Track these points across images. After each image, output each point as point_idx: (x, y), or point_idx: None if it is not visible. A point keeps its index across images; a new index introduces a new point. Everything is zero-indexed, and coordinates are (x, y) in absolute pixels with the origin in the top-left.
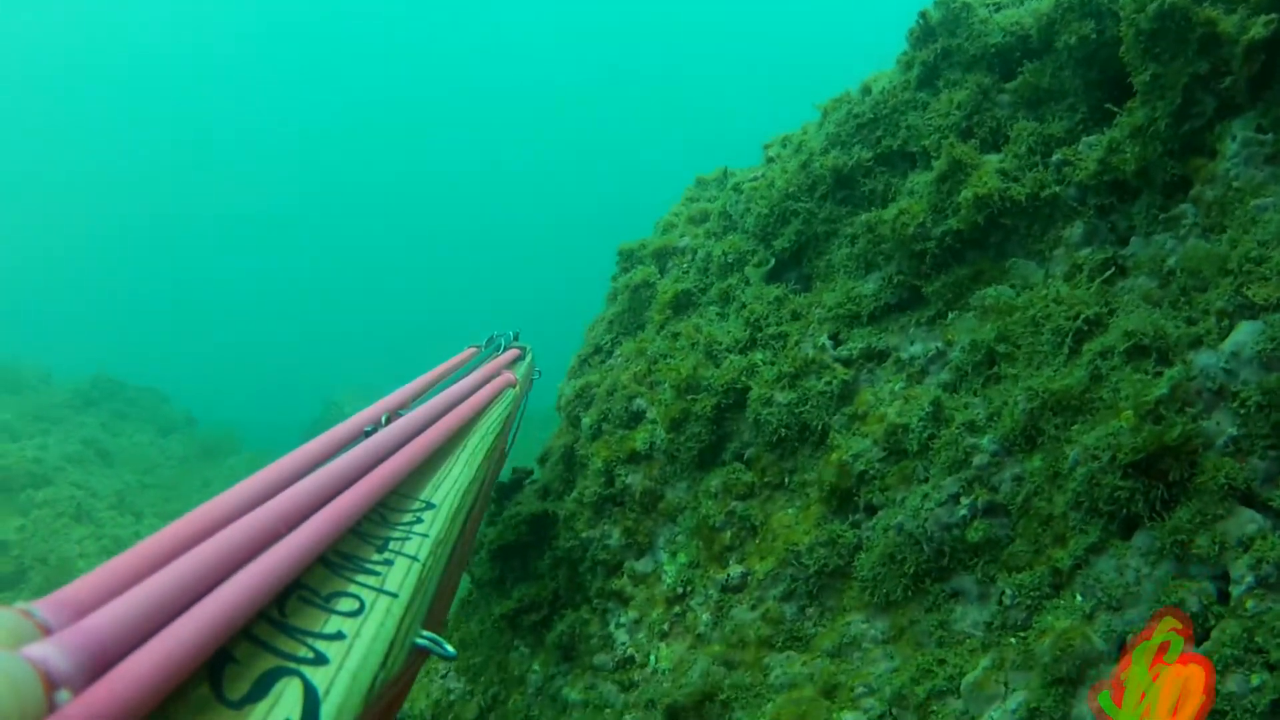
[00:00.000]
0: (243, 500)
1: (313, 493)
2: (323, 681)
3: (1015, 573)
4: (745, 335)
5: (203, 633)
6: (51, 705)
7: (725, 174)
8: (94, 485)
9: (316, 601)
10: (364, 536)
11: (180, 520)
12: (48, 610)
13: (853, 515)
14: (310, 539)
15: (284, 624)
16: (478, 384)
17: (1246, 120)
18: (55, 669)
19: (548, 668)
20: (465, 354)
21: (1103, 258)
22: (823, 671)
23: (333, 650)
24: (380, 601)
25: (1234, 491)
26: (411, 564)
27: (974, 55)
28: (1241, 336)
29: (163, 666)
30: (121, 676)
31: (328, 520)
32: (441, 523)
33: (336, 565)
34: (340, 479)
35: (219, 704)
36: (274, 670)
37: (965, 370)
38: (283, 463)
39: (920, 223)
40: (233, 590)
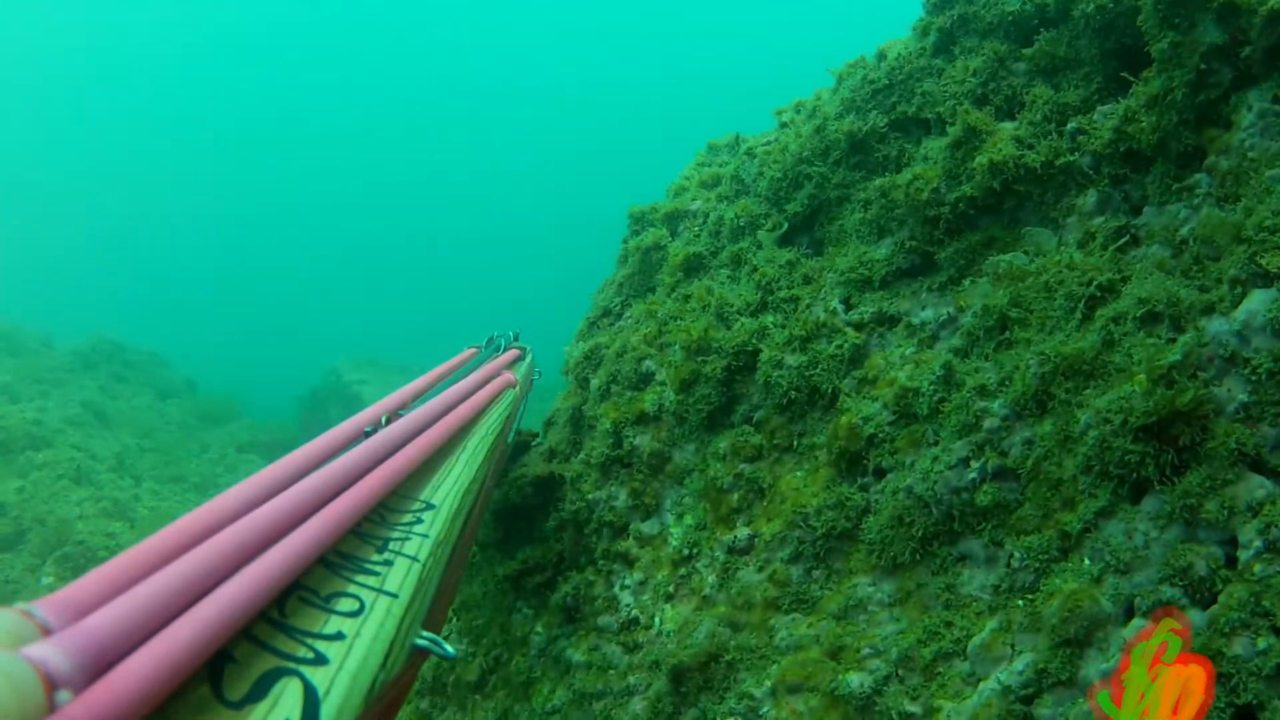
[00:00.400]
0: (243, 501)
1: (313, 493)
2: (323, 682)
3: (1024, 536)
4: (756, 298)
5: (203, 633)
6: (52, 706)
7: (737, 140)
8: (93, 448)
9: (316, 602)
10: (364, 537)
11: (180, 520)
12: (48, 610)
13: (861, 478)
14: (310, 539)
15: (284, 624)
16: (478, 384)
17: (1263, 91)
18: (55, 669)
19: (551, 629)
20: (465, 354)
21: (1116, 225)
22: (829, 633)
23: (333, 651)
24: (380, 602)
25: (1244, 457)
26: (411, 564)
27: (991, 23)
28: (1254, 304)
29: (163, 667)
30: (122, 677)
31: (328, 521)
32: (441, 523)
33: (336, 565)
34: (340, 479)
35: (219, 704)
36: (274, 670)
37: (977, 335)
38: (283, 463)
39: (934, 188)
40: (233, 590)
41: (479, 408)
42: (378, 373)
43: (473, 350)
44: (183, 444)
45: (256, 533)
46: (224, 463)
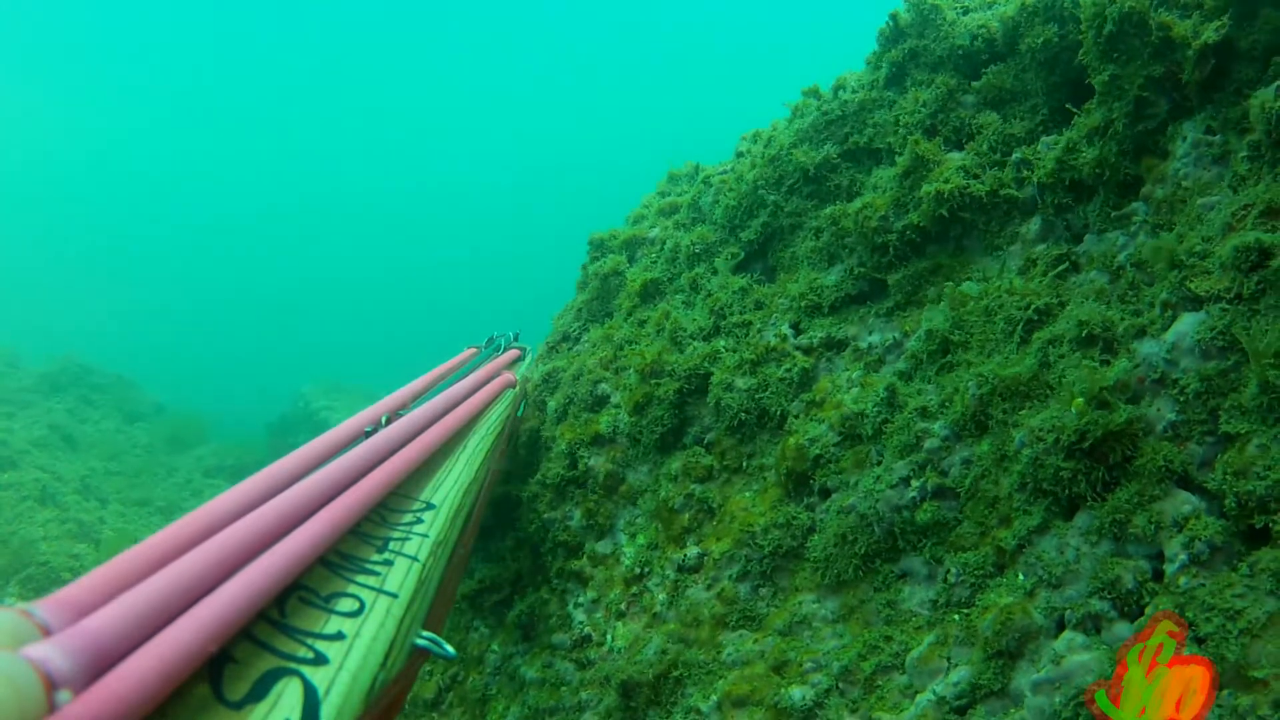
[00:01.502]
0: (243, 501)
1: (313, 493)
2: (323, 682)
3: (961, 553)
4: (710, 323)
5: (203, 633)
6: (52, 705)
7: (696, 169)
8: (59, 470)
9: (316, 602)
10: (364, 537)
11: (180, 521)
12: (48, 611)
13: (808, 498)
14: (310, 539)
15: (284, 624)
16: (477, 385)
17: (1197, 122)
18: (56, 669)
19: (506, 647)
20: (465, 354)
21: (1057, 253)
22: (773, 649)
23: (333, 650)
24: (380, 602)
25: (1171, 474)
26: (411, 564)
27: (941, 56)
28: (1183, 326)
29: (163, 667)
30: (122, 677)
31: (328, 521)
32: (441, 523)
33: (336, 566)
34: (340, 480)
35: (219, 704)
36: (274, 670)
37: (920, 358)
38: (283, 463)
39: (883, 216)
40: (233, 591)
41: (479, 408)
42: (345, 398)
43: (473, 350)
44: (150, 467)
45: (256, 533)
46: (190, 487)
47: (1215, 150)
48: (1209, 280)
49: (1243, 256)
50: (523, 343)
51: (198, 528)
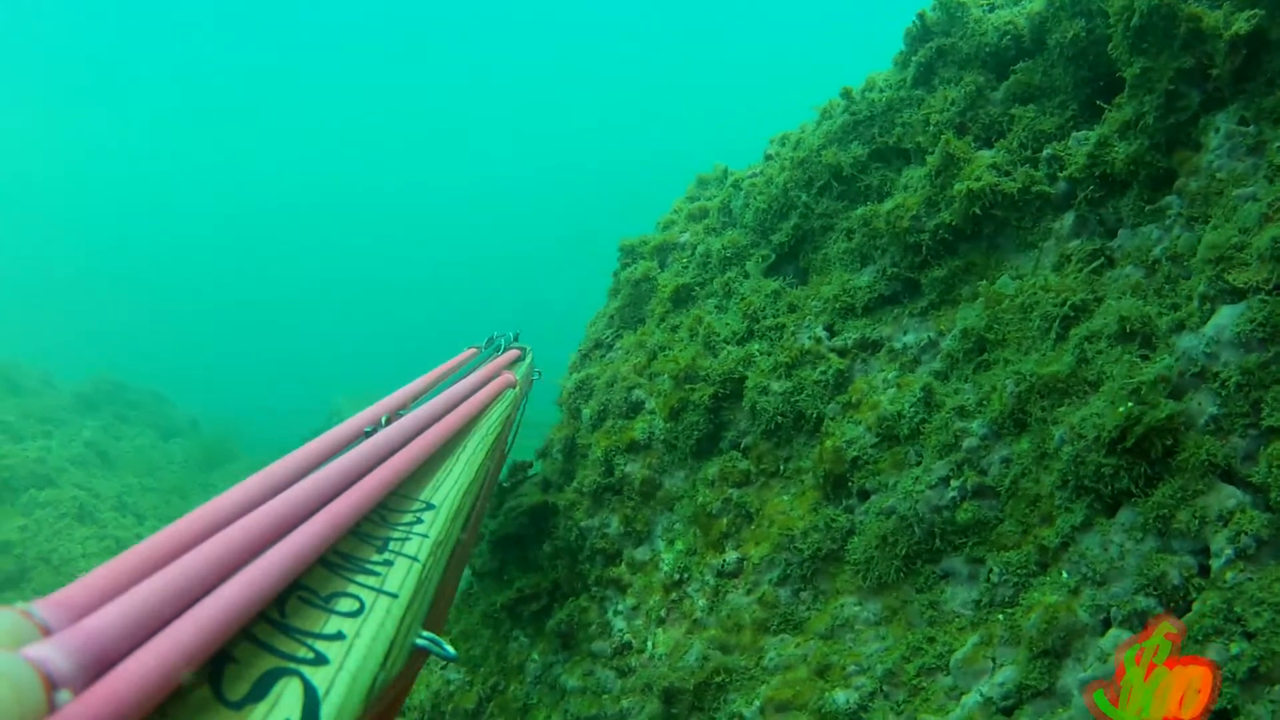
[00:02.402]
0: (243, 501)
1: (313, 493)
2: (323, 682)
3: (1003, 552)
4: (743, 327)
5: (203, 633)
6: (52, 705)
7: (725, 173)
8: (96, 487)
9: (316, 602)
10: (364, 537)
11: (180, 521)
12: (48, 611)
13: (846, 500)
14: (310, 539)
15: (284, 624)
16: (478, 385)
17: (1230, 113)
18: (56, 669)
19: (546, 656)
20: (465, 355)
21: (1091, 248)
22: (816, 653)
23: (333, 651)
24: (380, 602)
25: (1214, 468)
26: (411, 564)
27: (968, 54)
28: (1222, 319)
29: (163, 667)
30: (122, 677)
31: (328, 521)
32: (441, 523)
33: (336, 566)
34: (340, 480)
35: (219, 704)
36: (274, 671)
37: (956, 357)
38: (283, 463)
39: (914, 216)
40: (233, 591)
41: (479, 408)
42: None
43: (473, 350)
44: (185, 483)
45: (256, 533)
46: None
47: (1249, 141)
48: (1247, 272)
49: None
50: (523, 343)
51: (198, 528)
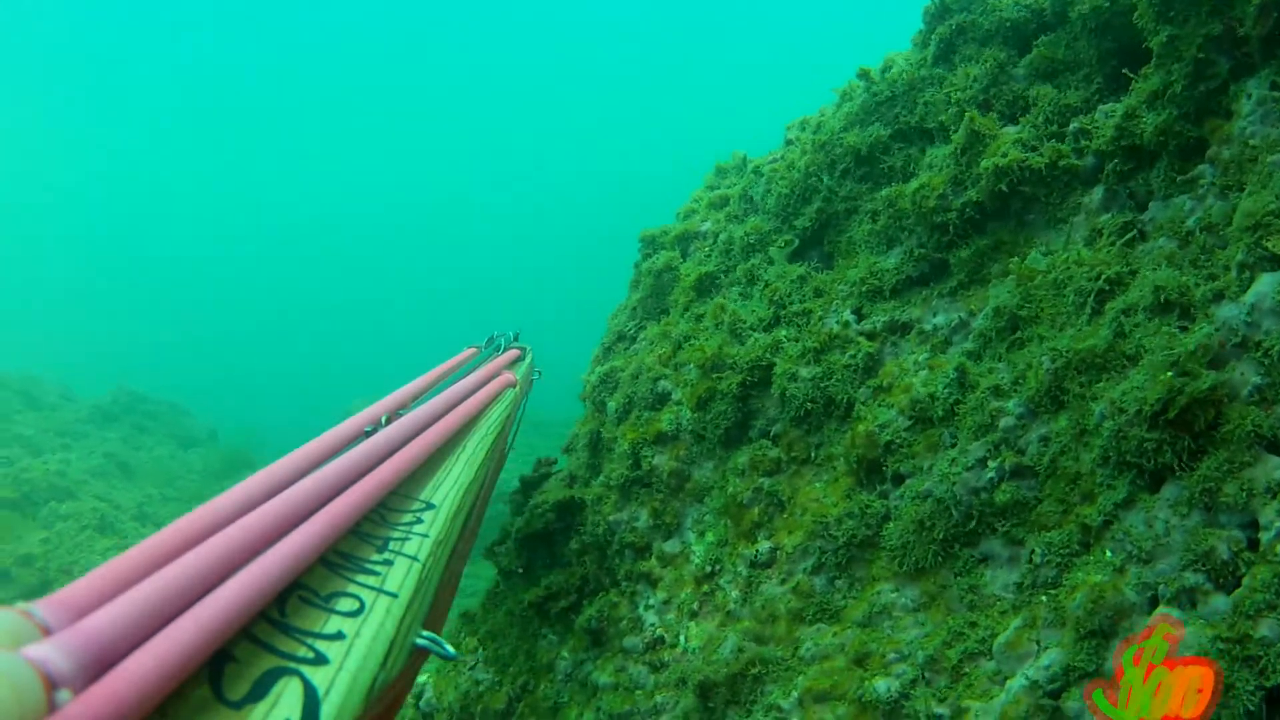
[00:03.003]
0: (243, 500)
1: (313, 493)
2: (323, 682)
3: (1044, 532)
4: (769, 313)
5: (203, 633)
6: (52, 705)
7: (745, 160)
8: (116, 498)
9: (316, 601)
10: (364, 536)
11: (180, 520)
12: (48, 610)
13: (880, 485)
14: (310, 539)
15: (284, 624)
16: (478, 384)
17: (1261, 79)
18: (55, 669)
19: (577, 653)
20: (465, 354)
21: (1123, 221)
22: (854, 641)
23: (333, 650)
24: (380, 601)
25: (1260, 439)
26: (411, 564)
27: (989, 30)
28: (1263, 287)
29: (163, 667)
30: (122, 677)
31: (328, 520)
32: (442, 523)
33: (336, 565)
34: (340, 479)
35: (219, 704)
36: (274, 670)
37: (989, 336)
38: (283, 463)
39: (940, 195)
40: (233, 590)
41: (479, 407)
42: None
43: (473, 350)
44: (205, 493)
45: (256, 533)
46: None
47: None
48: None
49: None
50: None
51: (198, 528)
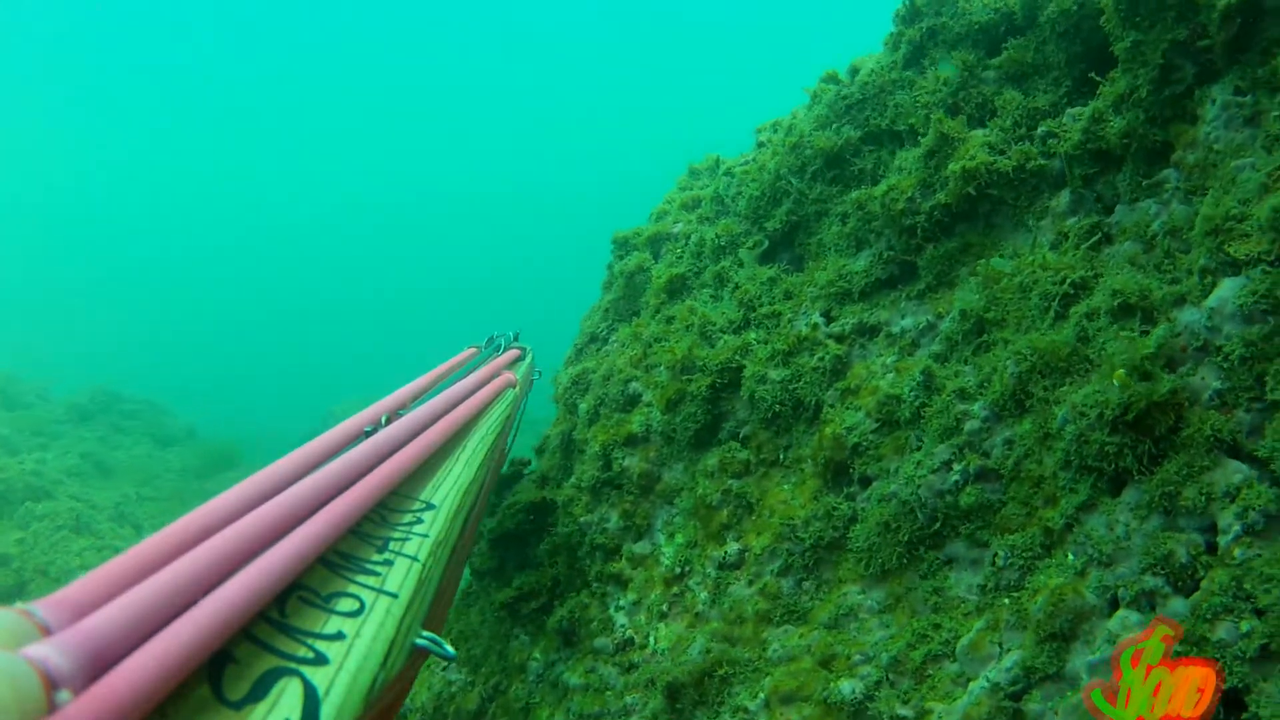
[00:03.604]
0: (243, 501)
1: (313, 493)
2: (323, 682)
3: (1008, 535)
4: (739, 316)
5: (202, 633)
6: (52, 705)
7: (717, 162)
8: (93, 498)
9: (316, 602)
10: (364, 537)
11: (180, 521)
12: (48, 610)
13: (847, 488)
14: (310, 539)
15: (284, 624)
16: (478, 384)
17: (1225, 84)
18: (55, 669)
19: (548, 654)
20: (465, 354)
21: (1089, 225)
22: (820, 643)
23: (333, 650)
24: (380, 602)
25: (1220, 443)
26: (411, 564)
27: (959, 33)
28: (1224, 292)
29: (163, 667)
30: (121, 676)
31: (328, 521)
32: (441, 523)
33: (336, 565)
34: (340, 479)
35: (219, 704)
36: (274, 670)
37: (955, 339)
38: (283, 463)
39: (909, 198)
40: (232, 590)
41: (479, 407)
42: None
43: (473, 350)
44: (183, 492)
45: (256, 533)
46: None
47: (1246, 111)
48: (1248, 243)
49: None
50: (523, 342)
51: (198, 528)
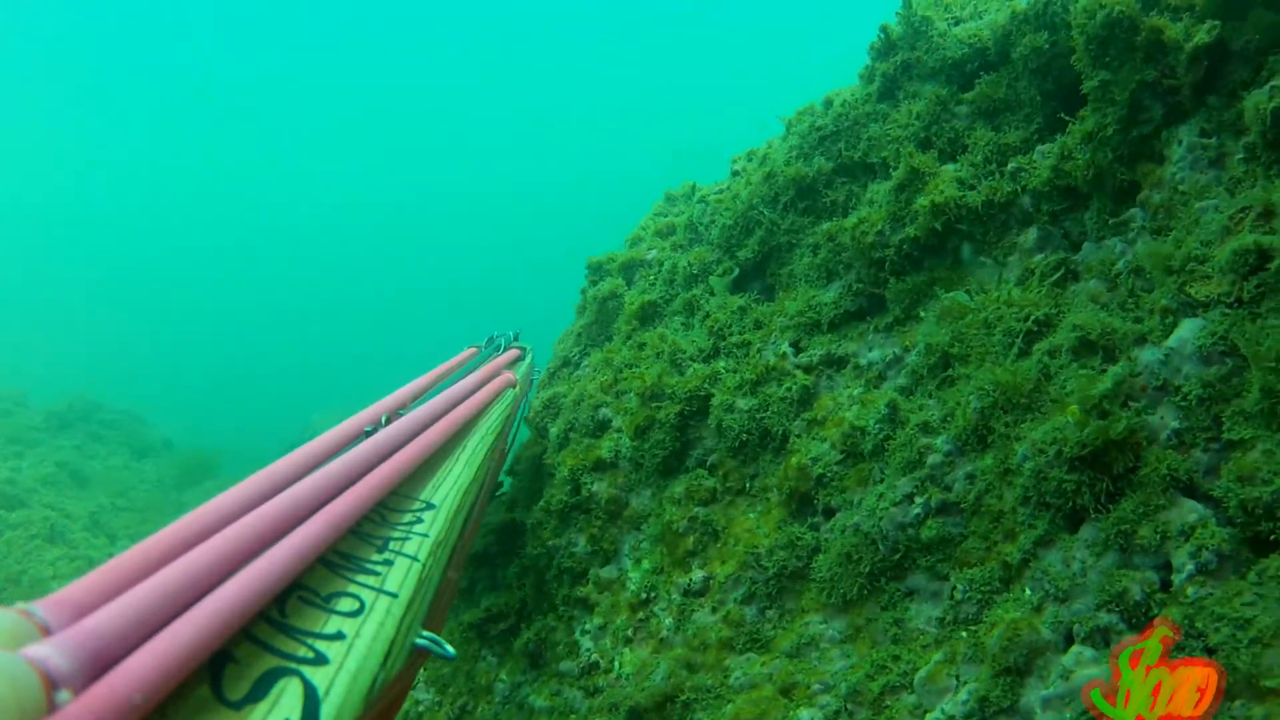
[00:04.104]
0: (243, 501)
1: (313, 493)
2: (323, 681)
3: (967, 568)
4: (709, 344)
5: (202, 633)
6: (52, 705)
7: (693, 189)
8: (68, 507)
9: (316, 602)
10: (364, 537)
11: (180, 521)
12: (48, 610)
13: (811, 518)
14: (310, 539)
15: (284, 624)
16: (478, 384)
17: (1191, 125)
18: (55, 669)
19: (515, 676)
20: (465, 354)
21: (1055, 261)
22: (781, 671)
23: (333, 650)
24: (380, 602)
25: (1176, 483)
26: (411, 564)
27: (933, 67)
28: (1184, 333)
29: (163, 667)
30: (121, 676)
31: (328, 521)
32: (441, 523)
33: (336, 565)
34: (340, 479)
35: (219, 704)
36: (274, 670)
37: (921, 373)
38: (283, 463)
39: (879, 231)
40: (232, 590)
41: (479, 407)
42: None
43: (473, 350)
44: (159, 503)
45: (256, 533)
46: None
47: (1211, 153)
48: (1208, 285)
49: (1241, 260)
50: (523, 343)
51: (198, 528)
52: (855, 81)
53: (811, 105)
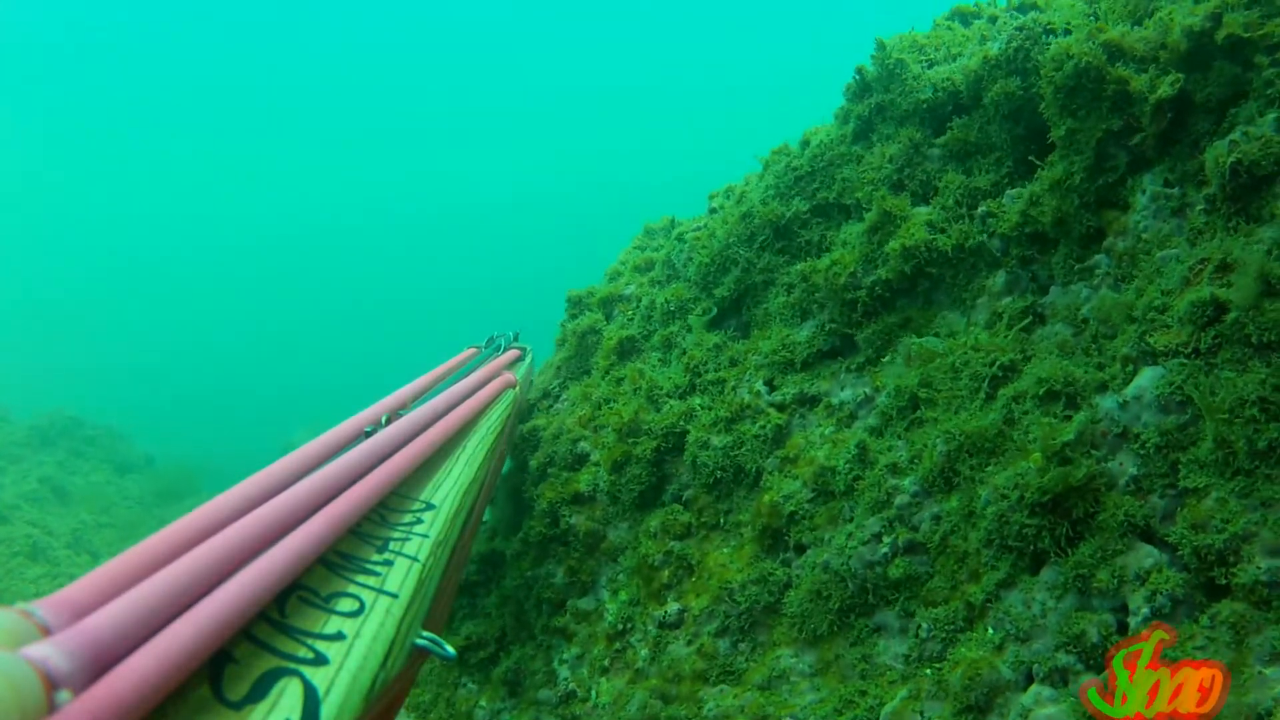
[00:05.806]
0: (243, 501)
1: (313, 493)
2: (323, 682)
3: (932, 607)
4: (685, 381)
5: (202, 633)
6: (52, 705)
7: (672, 223)
8: (50, 524)
9: (316, 602)
10: (364, 537)
11: (180, 521)
12: (48, 610)
13: (783, 554)
14: (310, 539)
15: (284, 624)
16: (478, 384)
17: (1155, 174)
18: (55, 669)
19: (494, 703)
20: (465, 354)
21: (1022, 306)
22: (753, 703)
23: (333, 651)
24: (380, 602)
25: (1134, 528)
26: (411, 564)
27: (907, 110)
28: (1144, 381)
29: (163, 667)
30: (121, 677)
31: (328, 521)
32: (441, 523)
33: (336, 565)
34: (340, 479)
35: (219, 704)
36: (274, 671)
37: (890, 415)
38: (283, 464)
39: (852, 272)
40: (232, 591)
41: (479, 408)
42: None
43: (473, 350)
44: (141, 519)
45: (256, 533)
46: None
47: (1174, 203)
48: (1168, 335)
49: (1199, 311)
50: (523, 343)
51: (197, 528)
52: (830, 121)
53: (786, 145)
